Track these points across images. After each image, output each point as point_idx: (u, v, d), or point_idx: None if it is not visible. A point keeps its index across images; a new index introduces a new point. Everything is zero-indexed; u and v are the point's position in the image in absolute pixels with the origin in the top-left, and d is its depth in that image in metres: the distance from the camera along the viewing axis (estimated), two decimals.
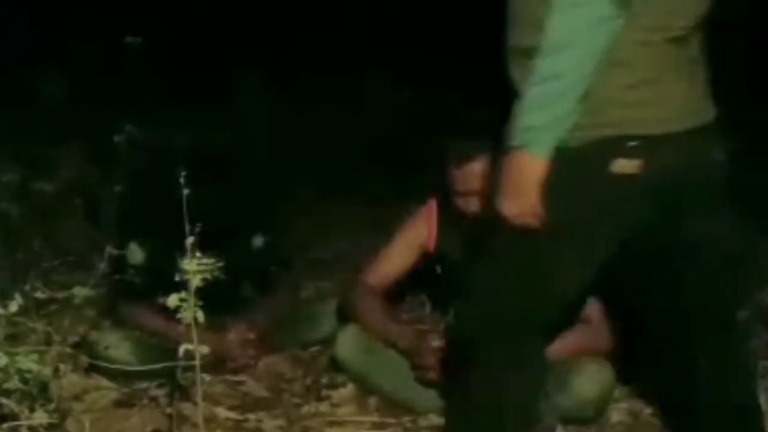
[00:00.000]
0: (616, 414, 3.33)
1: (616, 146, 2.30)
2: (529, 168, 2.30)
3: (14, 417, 2.70)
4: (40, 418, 2.70)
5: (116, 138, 4.72)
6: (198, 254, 2.52)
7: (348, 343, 3.45)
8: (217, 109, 5.23)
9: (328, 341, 3.63)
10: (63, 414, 2.89)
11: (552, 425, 3.20)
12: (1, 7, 6.30)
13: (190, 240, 2.51)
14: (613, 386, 3.30)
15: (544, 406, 3.19)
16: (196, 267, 2.49)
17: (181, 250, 2.53)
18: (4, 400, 2.69)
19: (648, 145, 2.30)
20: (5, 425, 2.70)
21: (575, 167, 2.30)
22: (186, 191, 2.58)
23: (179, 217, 2.54)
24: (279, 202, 4.42)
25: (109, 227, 4.43)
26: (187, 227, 2.51)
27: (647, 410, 3.35)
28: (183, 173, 2.56)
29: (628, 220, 2.39)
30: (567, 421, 3.22)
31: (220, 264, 3.62)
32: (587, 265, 2.44)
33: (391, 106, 6.48)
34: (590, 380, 3.22)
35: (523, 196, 2.32)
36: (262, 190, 4.22)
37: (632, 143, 2.29)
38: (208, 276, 2.54)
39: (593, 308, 3.27)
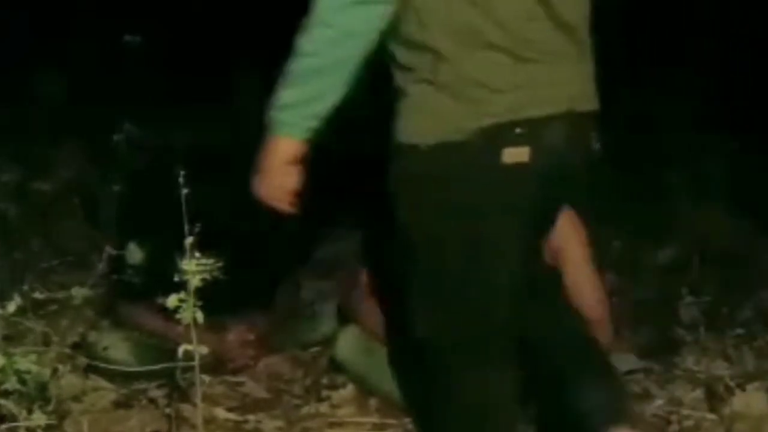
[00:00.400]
0: None
1: (502, 135, 2.24)
2: (278, 148, 2.28)
3: (12, 418, 2.69)
4: (39, 419, 2.70)
5: (115, 138, 4.72)
6: (197, 254, 2.51)
7: (348, 344, 3.44)
8: (216, 109, 5.21)
9: (328, 342, 3.62)
10: (61, 415, 2.89)
11: None
12: (0, 7, 6.29)
13: (189, 240, 2.49)
14: None
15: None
16: (195, 267, 2.48)
17: (181, 251, 2.52)
18: (2, 401, 2.68)
19: (534, 130, 2.25)
20: (3, 426, 2.69)
21: (466, 163, 2.26)
22: (185, 191, 2.57)
23: (178, 217, 2.53)
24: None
25: (108, 227, 4.43)
26: (187, 227, 2.50)
27: (649, 411, 3.35)
28: (182, 173, 2.55)
29: (527, 208, 2.34)
30: None
31: (220, 264, 3.63)
32: (505, 264, 2.37)
33: None
34: None
35: (270, 176, 2.30)
36: None
37: (518, 129, 2.24)
38: (208, 276, 2.53)
39: (596, 308, 3.25)
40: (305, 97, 2.25)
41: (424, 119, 2.28)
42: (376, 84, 2.33)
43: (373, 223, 3.13)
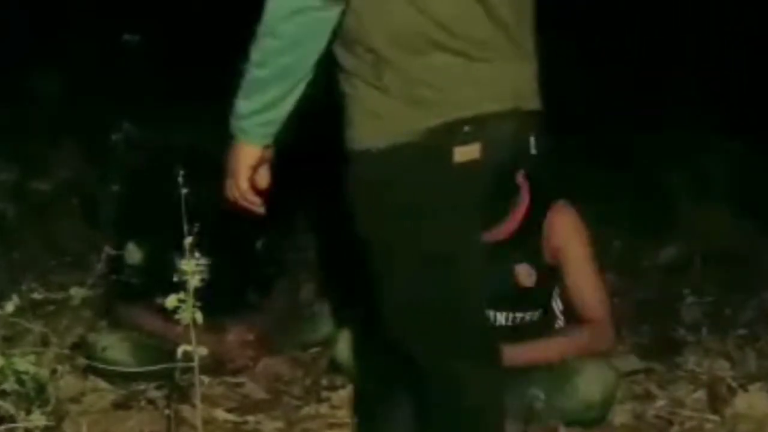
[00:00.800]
0: (620, 416, 3.31)
1: (451, 134, 2.24)
2: (240, 154, 2.33)
3: (11, 419, 2.68)
4: (37, 420, 2.68)
5: (114, 137, 4.70)
6: (196, 254, 2.49)
7: (348, 345, 3.42)
8: (216, 108, 5.21)
9: (328, 343, 3.61)
10: (60, 416, 2.88)
11: (555, 427, 3.18)
12: None
13: (188, 240, 2.48)
14: (616, 388, 3.28)
15: (546, 407, 3.19)
16: (194, 267, 2.46)
17: (180, 251, 2.50)
18: (0, 402, 2.67)
19: (482, 126, 2.25)
20: (2, 427, 2.68)
21: (418, 164, 2.25)
22: (184, 191, 2.55)
23: (177, 217, 2.51)
24: (279, 201, 4.39)
25: (106, 227, 4.42)
26: (186, 227, 2.48)
27: (651, 412, 3.34)
28: (181, 172, 2.54)
29: (481, 204, 2.35)
30: (570, 423, 3.20)
31: (219, 264, 3.62)
32: (466, 263, 2.37)
33: None
34: (594, 382, 3.19)
35: (235, 182, 2.36)
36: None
37: (467, 127, 2.24)
38: (207, 276, 2.52)
39: (597, 308, 3.24)
40: (259, 107, 2.29)
41: (372, 123, 2.28)
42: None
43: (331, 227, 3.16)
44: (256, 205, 2.40)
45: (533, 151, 2.46)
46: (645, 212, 5.19)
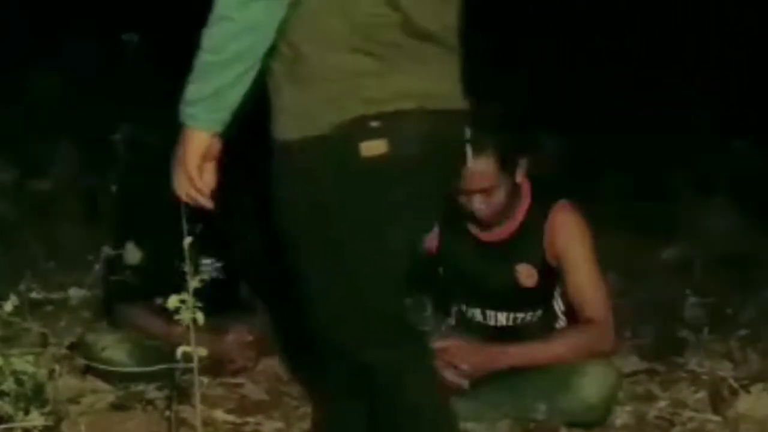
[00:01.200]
0: (621, 417, 3.30)
1: (358, 129, 2.30)
2: (190, 142, 2.34)
3: (9, 419, 2.67)
4: (35, 420, 2.68)
5: (113, 137, 4.69)
6: (196, 255, 2.48)
7: None
8: None
9: None
10: (58, 416, 2.86)
11: (556, 428, 3.17)
12: None
13: (188, 240, 2.47)
14: (618, 389, 3.27)
15: (548, 408, 3.18)
16: (194, 268, 2.46)
17: (179, 251, 2.49)
18: None
19: (389, 123, 2.31)
20: (0, 427, 2.67)
21: (327, 157, 2.32)
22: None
23: (177, 217, 2.50)
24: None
25: (105, 227, 4.41)
26: (186, 227, 2.47)
27: (652, 413, 3.33)
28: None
29: (391, 199, 2.38)
30: (571, 424, 3.19)
31: (219, 265, 3.61)
32: (382, 257, 2.40)
33: None
34: (595, 383, 3.18)
35: (184, 170, 2.36)
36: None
37: (374, 123, 2.30)
38: (207, 277, 2.51)
39: (599, 308, 3.23)
40: (209, 92, 2.31)
41: (287, 116, 2.35)
42: None
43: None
44: (205, 195, 2.39)
45: (472, 152, 2.55)
46: (646, 212, 5.19)
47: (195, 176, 2.36)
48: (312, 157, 2.33)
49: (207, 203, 2.40)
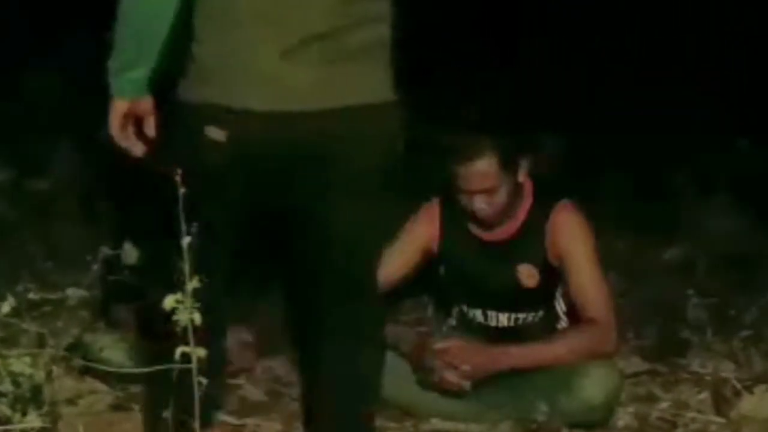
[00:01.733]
0: (623, 418, 3.30)
1: (213, 113, 2.46)
2: (112, 107, 2.57)
3: (6, 421, 2.66)
4: (33, 421, 2.67)
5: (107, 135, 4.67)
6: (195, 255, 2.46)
7: None
8: None
9: None
10: (56, 418, 2.85)
11: (558, 429, 3.16)
12: None
13: (186, 240, 2.45)
14: (620, 390, 3.27)
15: (549, 409, 3.17)
16: (192, 268, 2.44)
17: (178, 251, 2.47)
18: None
19: (236, 120, 2.44)
20: None
21: (184, 123, 2.50)
22: (183, 190, 2.52)
23: (175, 217, 2.48)
24: None
25: (104, 227, 4.40)
26: (184, 227, 2.45)
27: (654, 414, 3.33)
28: (179, 172, 2.51)
29: (232, 189, 2.52)
30: (573, 425, 3.19)
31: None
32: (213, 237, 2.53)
33: None
34: (597, 384, 3.18)
35: (113, 132, 2.60)
36: None
37: (226, 114, 2.44)
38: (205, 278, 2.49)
39: (601, 309, 3.22)
40: (120, 64, 2.52)
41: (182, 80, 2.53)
42: None
43: None
44: (136, 148, 2.60)
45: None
46: (649, 213, 5.19)
47: (118, 134, 2.58)
48: (177, 124, 2.53)
49: (137, 153, 2.62)
